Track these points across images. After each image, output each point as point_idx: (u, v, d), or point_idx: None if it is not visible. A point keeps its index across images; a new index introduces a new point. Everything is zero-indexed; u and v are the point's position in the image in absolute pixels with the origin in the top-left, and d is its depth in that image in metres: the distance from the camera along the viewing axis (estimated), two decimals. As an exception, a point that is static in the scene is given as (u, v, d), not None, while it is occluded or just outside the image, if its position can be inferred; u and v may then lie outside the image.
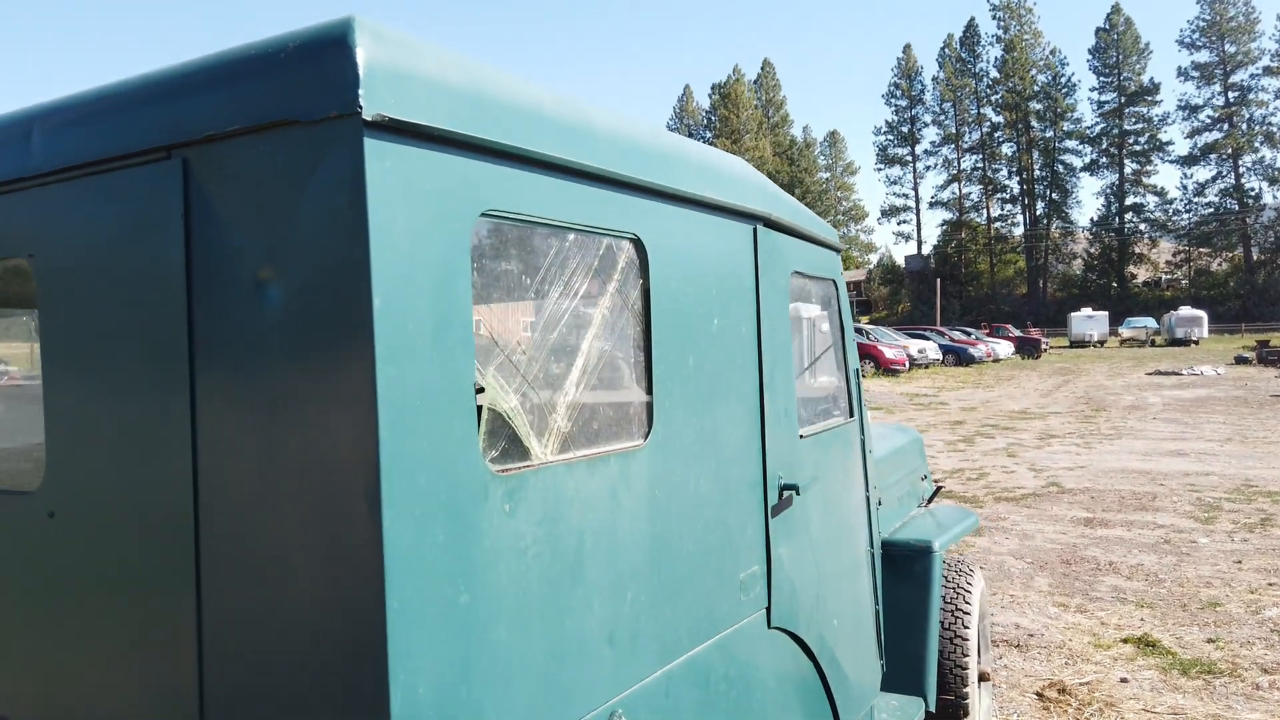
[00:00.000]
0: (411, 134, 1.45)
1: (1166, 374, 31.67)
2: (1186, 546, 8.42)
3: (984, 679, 4.37)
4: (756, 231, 2.55)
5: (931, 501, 5.23)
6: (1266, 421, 17.66)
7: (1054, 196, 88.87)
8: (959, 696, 4.03)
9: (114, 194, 1.63)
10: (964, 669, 4.04)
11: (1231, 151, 79.72)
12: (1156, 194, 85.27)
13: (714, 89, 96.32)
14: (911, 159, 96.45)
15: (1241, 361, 36.23)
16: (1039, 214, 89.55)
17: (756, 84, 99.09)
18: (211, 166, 1.51)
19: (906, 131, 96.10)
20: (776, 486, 2.56)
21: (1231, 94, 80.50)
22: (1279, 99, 78.44)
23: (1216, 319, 64.06)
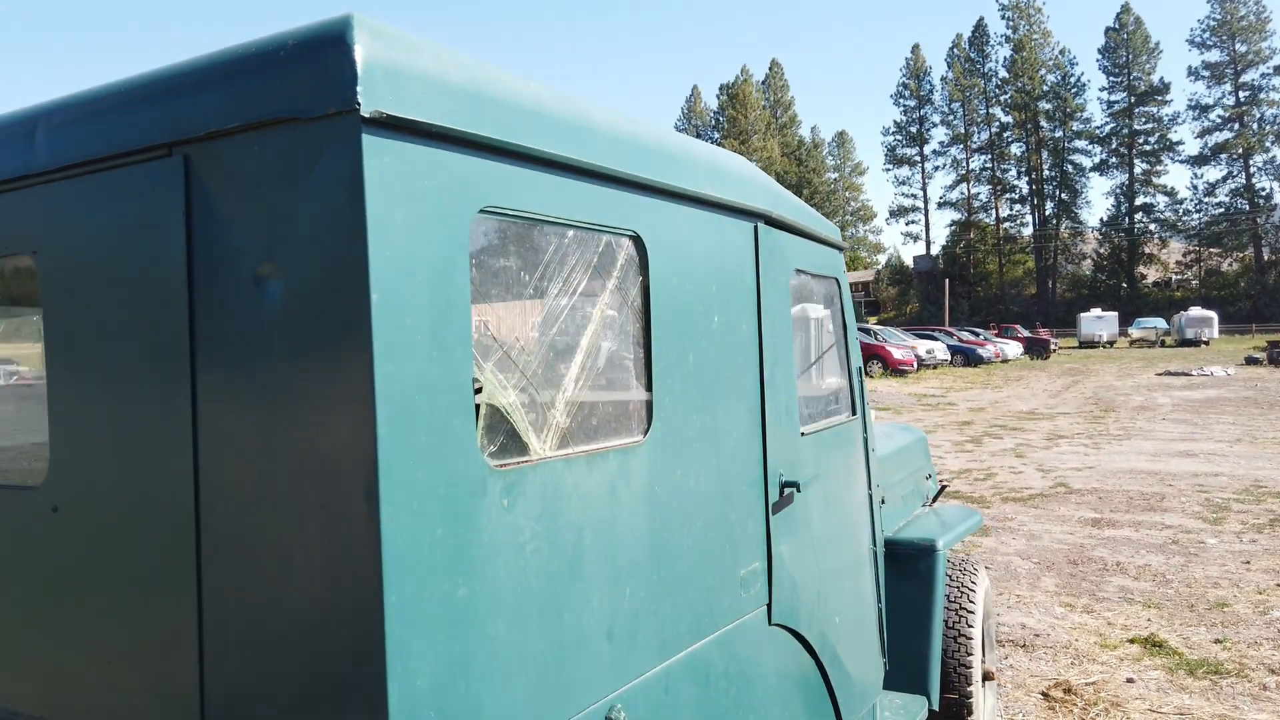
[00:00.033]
0: (410, 131, 1.46)
1: (1176, 375, 31.53)
2: (1194, 547, 8.38)
3: (988, 678, 4.36)
4: (757, 229, 2.56)
5: (936, 501, 5.23)
6: (1276, 422, 17.57)
7: (1063, 197, 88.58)
8: (963, 695, 4.02)
9: (116, 191, 1.64)
10: (968, 668, 4.04)
11: (1242, 151, 79.32)
12: (1166, 194, 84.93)
13: (722, 90, 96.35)
14: (920, 159, 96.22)
15: (1252, 362, 36.02)
16: (1048, 214, 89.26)
17: (764, 85, 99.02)
18: (212, 164, 1.53)
19: (915, 132, 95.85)
20: (777, 484, 2.56)
21: (1242, 93, 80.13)
22: (1290, 98, 78.16)
23: (1227, 319, 63.69)
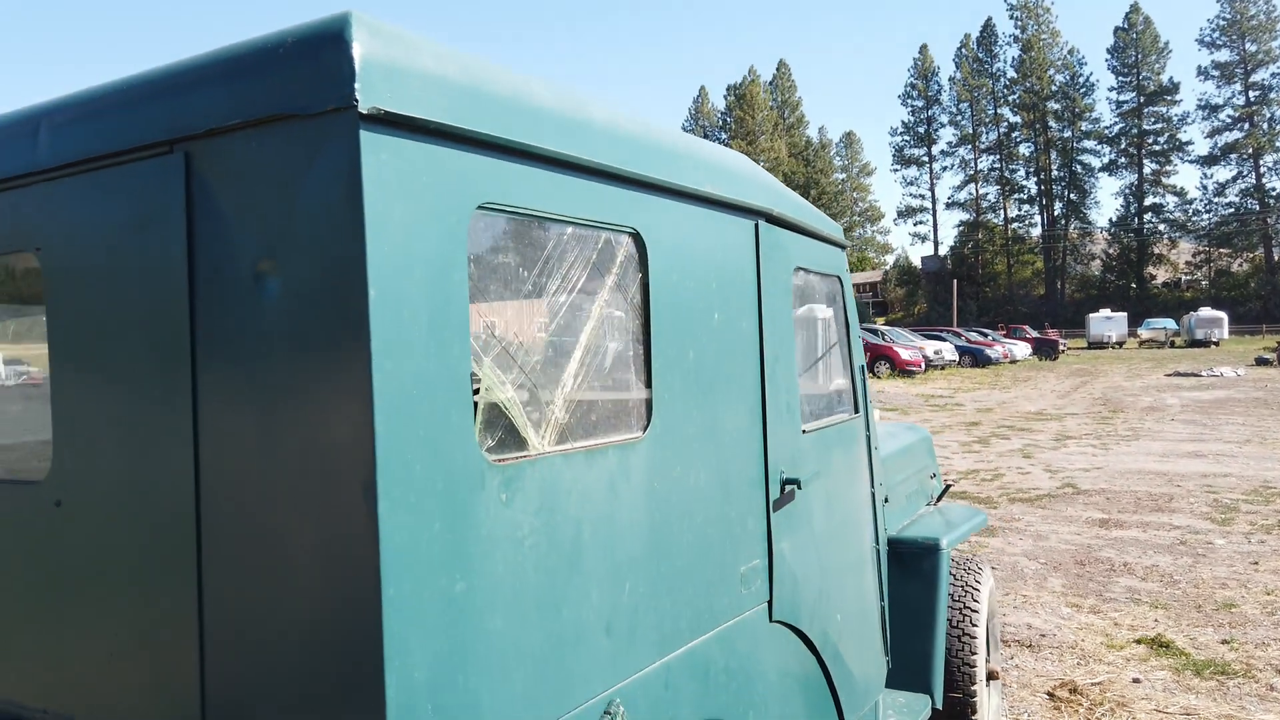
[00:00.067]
0: (408, 127, 1.47)
1: (1185, 375, 31.39)
2: (1202, 548, 8.35)
3: (993, 677, 4.35)
4: (758, 227, 2.56)
5: (940, 500, 5.22)
6: (1286, 423, 17.48)
7: (1072, 197, 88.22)
8: (967, 694, 4.01)
9: (118, 188, 1.66)
10: (972, 667, 4.03)
11: (1252, 151, 78.90)
12: (1176, 194, 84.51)
13: (729, 90, 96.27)
14: (928, 159, 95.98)
15: (1262, 363, 35.84)
16: (1057, 214, 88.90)
17: (772, 85, 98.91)
18: (213, 161, 1.54)
19: (923, 132, 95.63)
20: (778, 481, 2.56)
21: (1252, 93, 79.70)
22: (1300, 98, 77.77)
23: (1237, 320, 63.39)
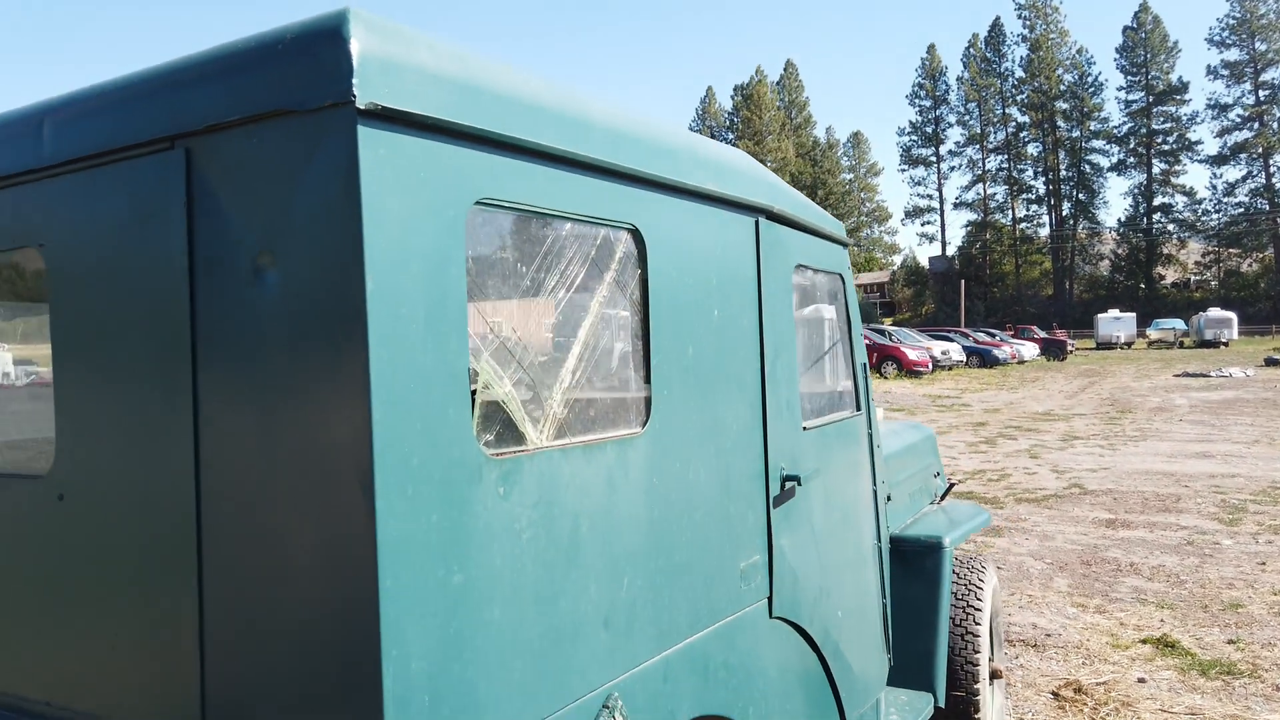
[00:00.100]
0: (405, 122, 1.48)
1: (1194, 376, 31.28)
2: (1209, 548, 8.32)
3: (996, 676, 4.35)
4: (759, 224, 2.56)
5: (944, 498, 5.22)
6: (1296, 423, 17.42)
7: (1080, 197, 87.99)
8: (970, 693, 4.01)
9: (120, 184, 1.67)
10: (975, 665, 4.03)
11: (1262, 151, 78.57)
12: (1185, 194, 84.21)
13: (736, 90, 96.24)
14: (936, 159, 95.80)
15: (1272, 363, 35.67)
16: (1065, 215, 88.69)
17: (779, 85, 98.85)
18: (213, 156, 1.55)
19: (931, 132, 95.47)
20: (778, 477, 2.57)
21: (1262, 92, 79.40)
22: (1311, 97, 77.38)
23: (1246, 320, 63.12)
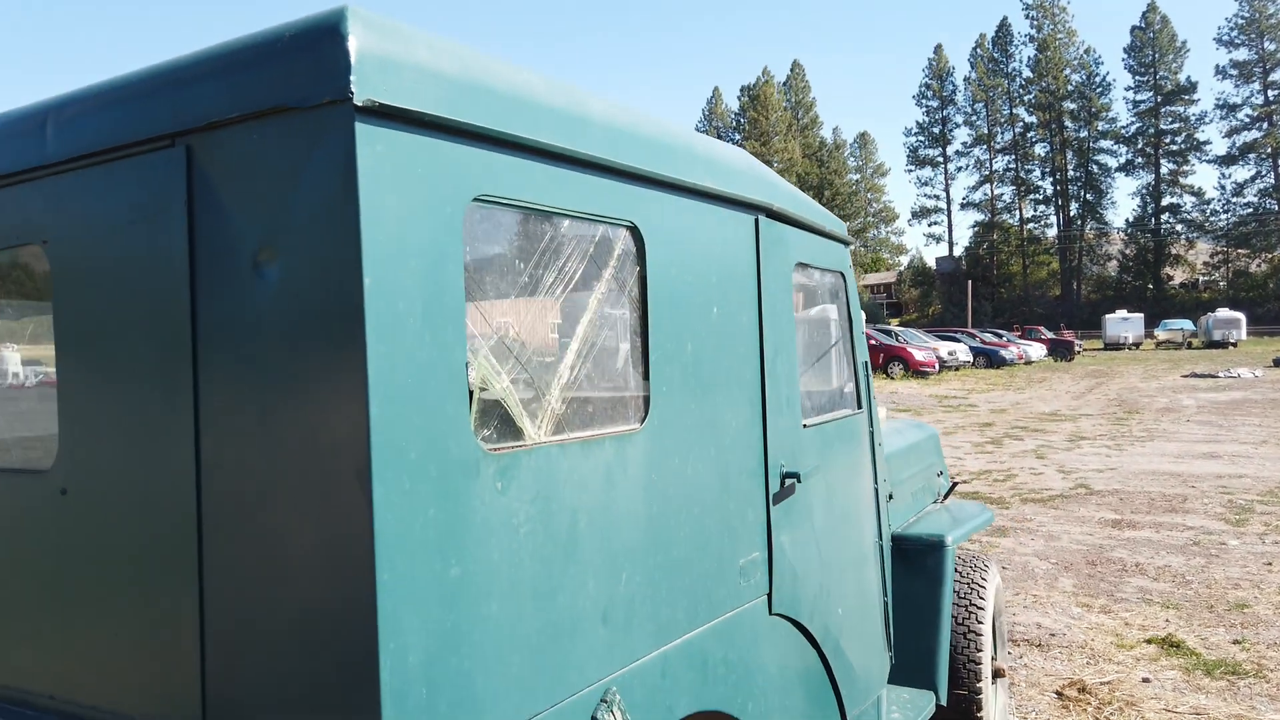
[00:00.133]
0: (403, 119, 1.49)
1: (1202, 376, 31.14)
2: (1216, 548, 8.29)
3: (999, 675, 4.34)
4: (758, 222, 2.57)
5: (947, 497, 5.22)
6: (1304, 424, 17.33)
7: (1088, 197, 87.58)
8: (972, 691, 4.01)
9: (122, 181, 1.69)
10: (977, 664, 4.03)
11: (1271, 151, 78.15)
12: (1194, 194, 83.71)
13: (743, 91, 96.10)
14: (943, 160, 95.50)
15: (1280, 364, 35.52)
16: (1073, 215, 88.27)
17: (786, 86, 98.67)
18: (213, 153, 1.57)
19: (938, 132, 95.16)
20: (778, 474, 2.58)
21: (1271, 92, 78.90)
22: (1321, 97, 76.96)
23: (1255, 321, 62.76)
